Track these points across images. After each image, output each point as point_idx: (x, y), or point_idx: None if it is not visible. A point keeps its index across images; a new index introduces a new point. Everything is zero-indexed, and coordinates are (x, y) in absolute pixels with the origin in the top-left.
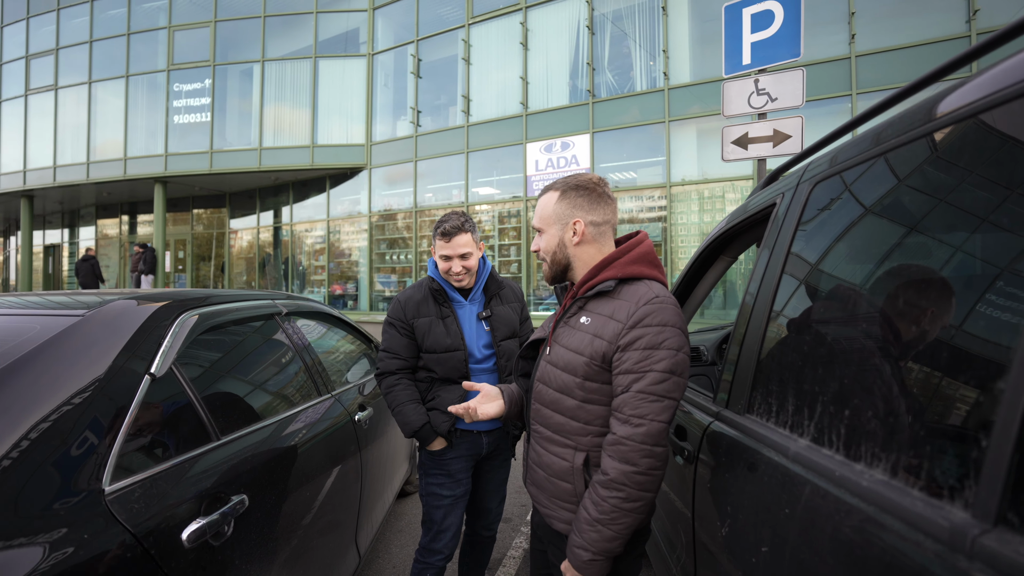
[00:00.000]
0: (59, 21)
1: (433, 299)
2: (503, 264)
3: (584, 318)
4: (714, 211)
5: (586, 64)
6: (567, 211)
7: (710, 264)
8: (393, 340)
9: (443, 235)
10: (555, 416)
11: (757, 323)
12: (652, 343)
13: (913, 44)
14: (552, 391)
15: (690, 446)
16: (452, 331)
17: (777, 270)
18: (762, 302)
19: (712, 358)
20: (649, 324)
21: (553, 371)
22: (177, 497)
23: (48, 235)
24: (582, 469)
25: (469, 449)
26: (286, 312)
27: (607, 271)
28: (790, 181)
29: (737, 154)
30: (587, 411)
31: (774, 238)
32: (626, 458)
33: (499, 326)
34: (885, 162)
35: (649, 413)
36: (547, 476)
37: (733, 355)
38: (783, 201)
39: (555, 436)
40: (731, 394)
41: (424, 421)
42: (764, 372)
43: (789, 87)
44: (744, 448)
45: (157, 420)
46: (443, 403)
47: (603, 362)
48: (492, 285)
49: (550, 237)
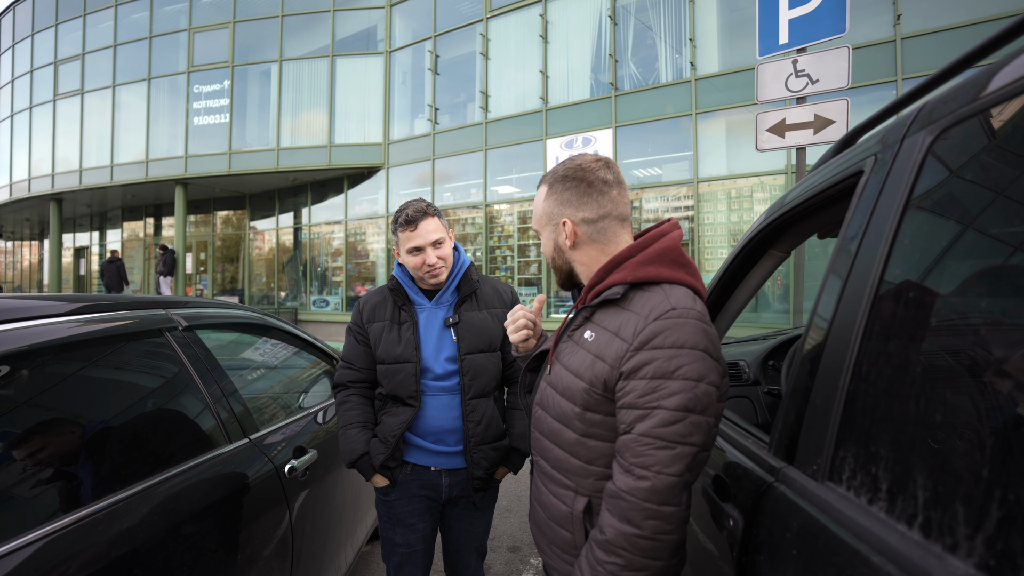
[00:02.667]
0: (85, 27)
1: (392, 301)
2: (524, 265)
3: (588, 332)
4: (741, 210)
5: (608, 56)
6: (555, 209)
7: (755, 260)
8: (349, 347)
9: (407, 223)
10: (554, 449)
11: (840, 343)
12: (662, 371)
13: (966, 23)
14: (551, 419)
15: (736, 512)
16: (406, 339)
17: (875, 265)
18: (849, 312)
19: (755, 376)
20: (659, 346)
21: (552, 396)
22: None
23: (78, 238)
24: (582, 517)
25: (422, 489)
26: (186, 326)
27: (616, 274)
28: (889, 136)
29: (773, 143)
30: (588, 448)
31: (864, 219)
32: (626, 516)
33: (469, 335)
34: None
35: (656, 463)
36: (546, 518)
37: (799, 385)
38: (876, 167)
39: (554, 473)
40: (799, 445)
41: (362, 451)
42: (858, 420)
43: (832, 67)
44: (833, 541)
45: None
46: (384, 430)
47: (605, 390)
48: (465, 284)
49: (546, 240)
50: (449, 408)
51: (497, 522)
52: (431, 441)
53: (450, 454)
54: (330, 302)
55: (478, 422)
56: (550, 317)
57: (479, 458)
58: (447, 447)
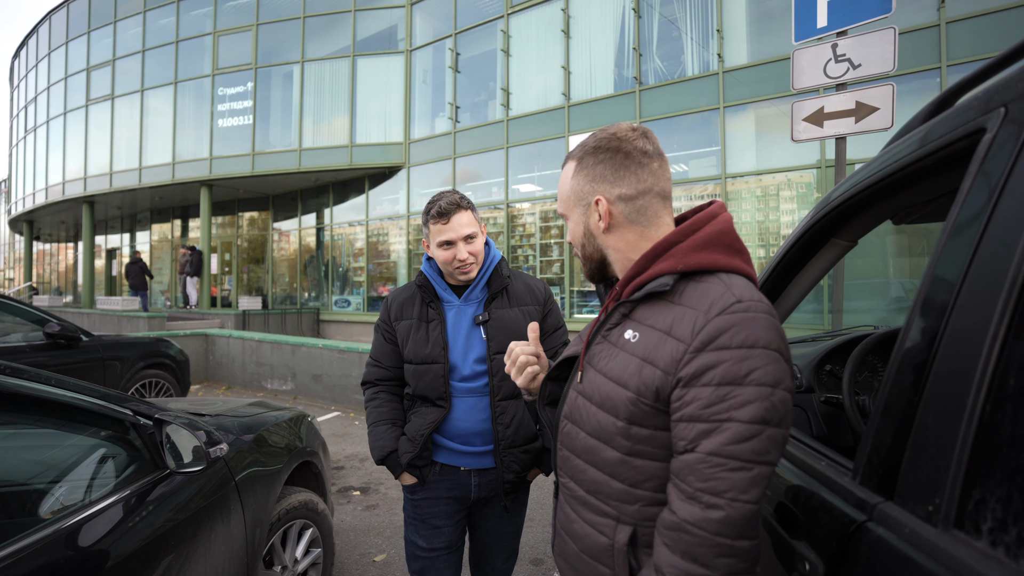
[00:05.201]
0: (116, 34)
1: (420, 298)
2: (546, 265)
3: (630, 332)
4: (768, 208)
5: (632, 50)
6: (586, 186)
7: (815, 250)
8: (377, 346)
9: (439, 215)
10: (589, 470)
11: (964, 346)
12: (732, 375)
13: (1016, 5)
14: (585, 436)
15: (814, 556)
16: (434, 338)
17: (1019, 243)
18: (979, 305)
19: (809, 383)
20: (726, 345)
21: (586, 408)
22: None
23: (109, 239)
24: (626, 550)
25: (450, 490)
26: None
27: (661, 262)
28: (1015, 88)
29: (810, 133)
30: (634, 468)
31: (993, 187)
32: (692, 554)
33: (499, 334)
34: None
35: (730, 489)
36: (578, 551)
37: (899, 400)
38: (1007, 121)
39: (589, 498)
40: (900, 476)
41: (391, 448)
42: (1006, 449)
43: (876, 50)
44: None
45: None
46: (412, 429)
47: (656, 400)
48: (496, 280)
49: (575, 224)
50: (476, 410)
51: None
52: (459, 443)
53: (478, 454)
54: (352, 302)
55: (508, 424)
56: (573, 318)
57: (509, 461)
58: (475, 447)
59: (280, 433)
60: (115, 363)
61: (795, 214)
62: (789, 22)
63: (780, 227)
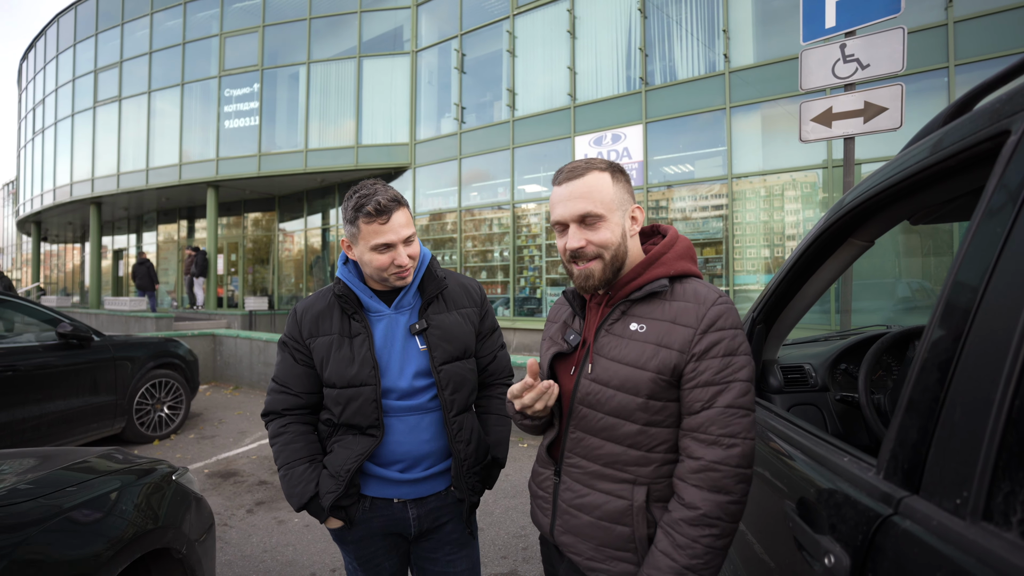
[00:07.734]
0: (123, 36)
1: (340, 309)
2: (551, 265)
3: (634, 325)
4: (772, 209)
5: (638, 50)
6: (625, 195)
7: (831, 251)
8: (283, 367)
9: (377, 214)
10: (606, 445)
11: (991, 343)
12: (731, 348)
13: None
14: (604, 416)
15: (838, 548)
16: (361, 356)
17: None
18: (1006, 303)
19: (823, 382)
20: (723, 327)
21: (603, 392)
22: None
23: (116, 240)
24: (644, 507)
25: (384, 526)
26: None
27: (656, 268)
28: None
29: (819, 133)
30: (650, 436)
31: (1016, 190)
32: (720, 486)
33: (442, 343)
34: None
35: (742, 430)
36: (594, 520)
37: (923, 396)
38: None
39: (605, 470)
40: (926, 470)
41: (312, 493)
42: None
43: (885, 50)
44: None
45: None
46: (335, 463)
47: (672, 375)
48: (430, 283)
49: (614, 226)
50: (418, 430)
51: (508, 516)
52: (396, 470)
53: (417, 481)
54: None
55: (468, 441)
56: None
57: (474, 482)
58: (413, 474)
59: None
60: (126, 363)
61: (800, 214)
62: (795, 22)
63: (785, 227)
